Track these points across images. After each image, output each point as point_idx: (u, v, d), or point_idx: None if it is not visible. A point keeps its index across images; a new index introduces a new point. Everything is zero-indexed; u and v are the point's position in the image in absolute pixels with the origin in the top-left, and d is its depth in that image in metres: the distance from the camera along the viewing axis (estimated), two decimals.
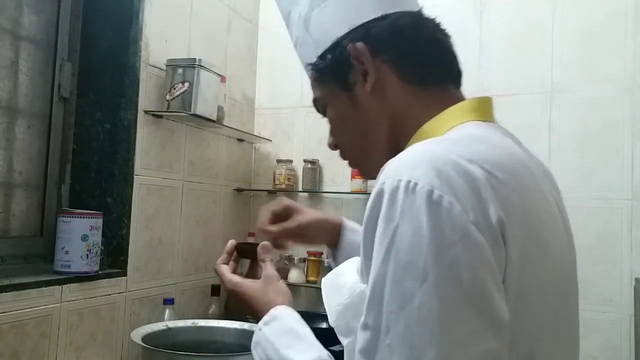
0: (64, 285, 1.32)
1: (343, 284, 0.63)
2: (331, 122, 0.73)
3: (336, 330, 0.62)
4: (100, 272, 1.43)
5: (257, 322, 0.74)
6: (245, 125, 2.14)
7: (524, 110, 1.79)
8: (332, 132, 0.74)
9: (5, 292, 1.18)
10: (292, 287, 2.04)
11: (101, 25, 1.58)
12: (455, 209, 0.46)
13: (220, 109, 1.78)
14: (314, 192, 2.07)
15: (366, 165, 0.72)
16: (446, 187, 0.47)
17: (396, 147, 0.63)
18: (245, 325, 1.43)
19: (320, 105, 0.73)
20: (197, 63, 1.61)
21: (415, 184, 0.47)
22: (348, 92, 0.67)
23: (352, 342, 0.58)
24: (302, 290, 2.03)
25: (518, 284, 0.49)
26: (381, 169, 0.53)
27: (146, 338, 1.31)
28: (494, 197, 0.48)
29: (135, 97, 1.56)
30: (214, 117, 1.72)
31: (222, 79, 1.77)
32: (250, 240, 2.13)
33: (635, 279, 1.58)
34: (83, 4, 1.59)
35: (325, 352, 0.66)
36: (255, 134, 2.17)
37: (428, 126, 0.62)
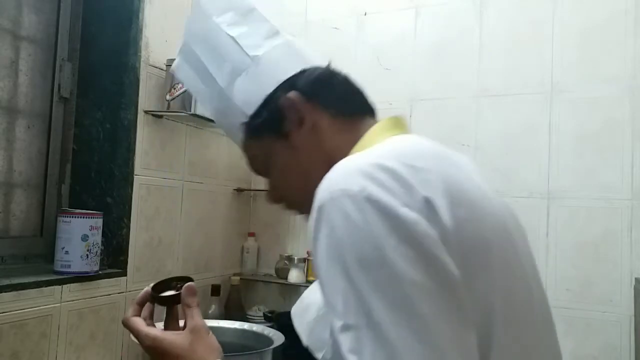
0: (64, 285, 1.33)
1: (308, 305, 0.67)
2: (273, 174, 0.77)
3: (311, 348, 0.64)
4: (100, 272, 1.43)
5: None
6: None
7: (524, 110, 1.78)
8: (274, 184, 0.78)
9: (5, 292, 1.18)
10: (292, 287, 2.04)
11: (101, 25, 1.58)
12: (386, 200, 0.52)
13: None
14: None
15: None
16: (374, 185, 0.53)
17: None
18: (245, 325, 1.43)
19: (259, 161, 0.78)
20: None
21: (347, 189, 0.53)
22: (285, 140, 0.73)
23: (327, 351, 0.60)
24: (302, 290, 2.02)
25: (458, 243, 0.54)
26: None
27: None
28: (416, 181, 0.55)
29: (135, 97, 1.56)
30: None
31: None
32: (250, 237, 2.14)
33: (636, 279, 1.58)
34: (83, 4, 1.59)
35: None
36: None
37: (356, 149, 0.69)
